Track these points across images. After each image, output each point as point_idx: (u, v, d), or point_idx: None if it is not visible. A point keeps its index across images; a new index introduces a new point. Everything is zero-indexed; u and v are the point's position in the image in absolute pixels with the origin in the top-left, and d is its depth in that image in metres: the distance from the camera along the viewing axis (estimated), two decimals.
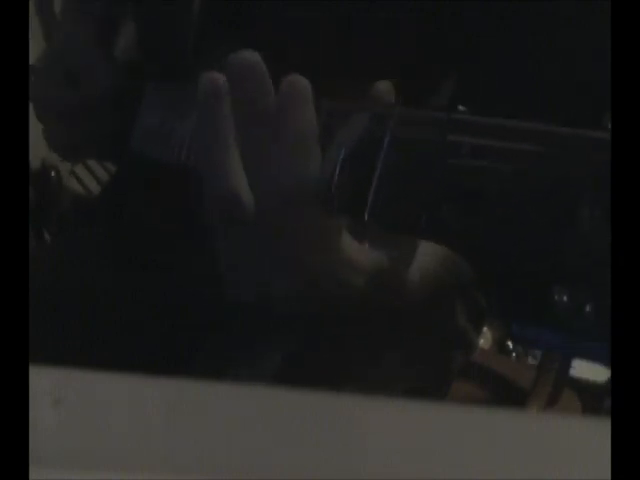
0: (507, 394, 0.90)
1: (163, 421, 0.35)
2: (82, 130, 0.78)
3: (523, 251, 0.37)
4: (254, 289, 0.53)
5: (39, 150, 1.10)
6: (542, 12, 0.56)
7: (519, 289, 0.38)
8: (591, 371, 1.27)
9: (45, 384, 0.35)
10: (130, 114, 0.73)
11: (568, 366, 1.07)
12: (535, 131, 0.38)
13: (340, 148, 0.46)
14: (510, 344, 1.33)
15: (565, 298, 0.36)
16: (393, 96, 0.49)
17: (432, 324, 0.68)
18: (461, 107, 0.42)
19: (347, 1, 0.63)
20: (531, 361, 1.32)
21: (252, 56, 0.48)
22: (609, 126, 0.35)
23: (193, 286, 0.73)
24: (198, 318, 0.73)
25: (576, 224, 0.35)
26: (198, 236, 0.69)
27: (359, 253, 0.52)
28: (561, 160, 0.37)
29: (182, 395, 0.36)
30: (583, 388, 1.10)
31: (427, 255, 0.56)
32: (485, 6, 0.58)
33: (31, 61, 0.76)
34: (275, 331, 0.65)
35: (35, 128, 0.79)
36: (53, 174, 1.28)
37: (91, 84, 0.76)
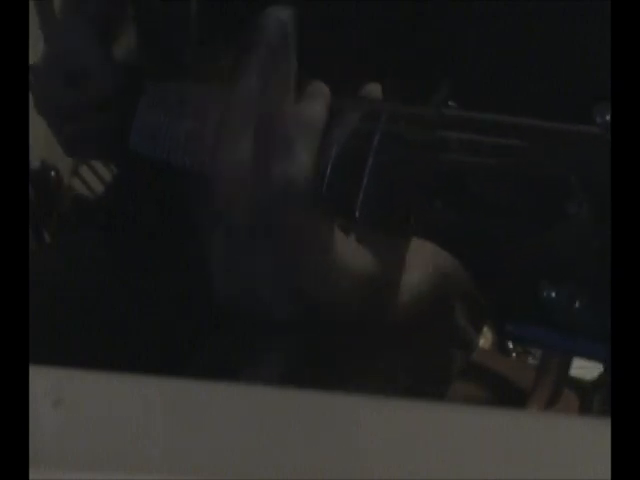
0: (507, 394, 0.90)
1: (163, 421, 0.35)
2: (82, 130, 0.78)
3: (511, 247, 0.37)
4: (239, 295, 0.51)
5: (39, 150, 1.10)
6: (531, 10, 0.56)
7: (508, 286, 0.37)
8: (591, 371, 1.27)
9: (45, 384, 0.35)
10: (130, 114, 0.73)
11: (568, 366, 1.07)
12: (523, 126, 0.38)
13: (332, 146, 0.46)
14: (510, 344, 1.33)
15: (553, 294, 0.36)
16: (381, 97, 0.49)
17: (432, 324, 0.68)
18: (451, 103, 0.42)
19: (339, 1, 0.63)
20: (531, 361, 1.32)
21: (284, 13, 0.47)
22: (597, 121, 0.35)
23: (193, 286, 0.73)
24: (197, 318, 0.73)
25: (563, 219, 0.35)
26: (195, 235, 0.68)
27: (351, 253, 0.51)
28: (549, 155, 0.37)
29: (182, 395, 0.36)
30: (583, 388, 1.10)
31: (416, 273, 0.55)
32: (473, 5, 0.58)
33: (31, 61, 0.76)
34: (272, 333, 0.64)
35: (35, 128, 0.79)
36: (53, 174, 1.28)
37: (91, 84, 0.76)
